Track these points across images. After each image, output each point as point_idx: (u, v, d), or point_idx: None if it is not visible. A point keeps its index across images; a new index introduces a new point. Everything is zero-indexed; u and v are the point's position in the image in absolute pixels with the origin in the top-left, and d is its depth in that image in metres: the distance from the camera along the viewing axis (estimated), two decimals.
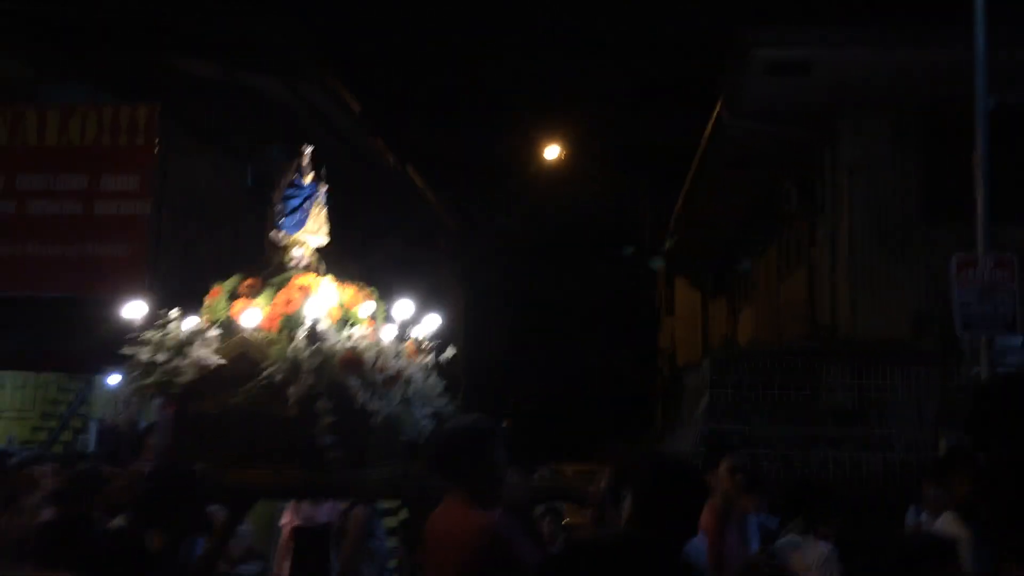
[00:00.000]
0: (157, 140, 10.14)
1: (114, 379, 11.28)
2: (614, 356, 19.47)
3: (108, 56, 10.90)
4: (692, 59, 12.03)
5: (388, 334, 4.38)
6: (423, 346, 4.51)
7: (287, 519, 6.35)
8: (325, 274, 4.59)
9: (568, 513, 6.20)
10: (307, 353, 4.04)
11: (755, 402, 9.27)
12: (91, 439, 11.14)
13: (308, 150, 4.78)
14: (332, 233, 4.82)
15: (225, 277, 4.63)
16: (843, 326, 9.93)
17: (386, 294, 4.66)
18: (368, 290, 4.57)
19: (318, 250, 4.73)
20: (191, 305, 4.50)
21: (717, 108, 10.48)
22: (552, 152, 15.85)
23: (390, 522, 7.47)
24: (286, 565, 6.12)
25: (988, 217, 6.75)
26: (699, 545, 4.13)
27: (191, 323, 4.31)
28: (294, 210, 4.62)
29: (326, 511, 6.97)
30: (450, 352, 4.50)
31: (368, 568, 6.45)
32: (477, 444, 3.30)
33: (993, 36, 7.03)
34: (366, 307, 4.42)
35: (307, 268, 4.60)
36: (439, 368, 4.54)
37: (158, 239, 10.33)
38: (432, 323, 4.58)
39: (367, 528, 6.43)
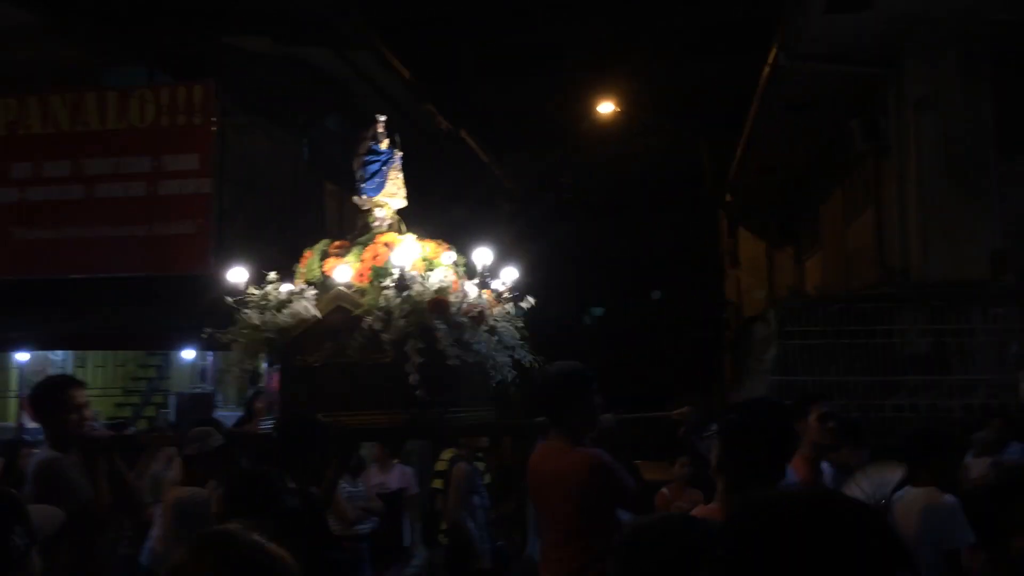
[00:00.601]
0: (214, 118, 10.28)
1: (189, 354, 11.58)
2: (679, 310, 19.26)
3: (162, 37, 11.06)
4: (747, 2, 11.65)
5: (470, 283, 4.64)
6: (503, 296, 4.74)
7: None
8: (406, 233, 4.86)
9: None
10: (397, 300, 4.27)
11: (826, 351, 9.07)
12: (171, 412, 11.48)
13: (382, 118, 5.02)
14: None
15: (287, 247, 4.85)
16: (915, 269, 9.62)
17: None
18: (447, 244, 4.82)
19: (398, 212, 5.00)
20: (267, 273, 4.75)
21: (773, 51, 10.15)
22: (607, 107, 15.60)
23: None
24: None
25: None
26: None
27: (287, 286, 4.60)
28: (373, 175, 4.89)
29: (397, 477, 7.08)
30: (529, 302, 4.72)
31: (471, 523, 6.57)
32: (578, 387, 3.60)
33: None
34: (448, 255, 4.69)
35: (390, 228, 4.87)
36: (519, 318, 4.76)
37: (221, 215, 10.52)
38: (510, 274, 4.83)
39: (469, 483, 6.53)
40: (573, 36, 13.16)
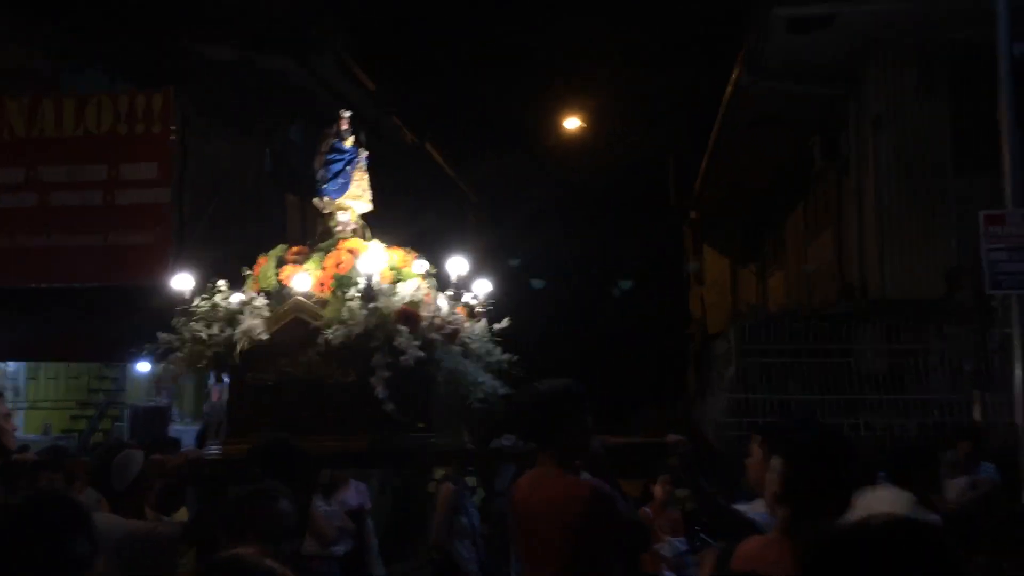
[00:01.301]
0: (174, 127, 10.14)
1: (144, 366, 11.39)
2: (644, 325, 19.31)
3: (124, 43, 10.91)
4: (710, 19, 11.75)
5: (441, 295, 4.28)
6: (476, 310, 4.40)
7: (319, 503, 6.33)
8: (371, 239, 4.46)
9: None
10: (362, 312, 3.91)
11: (784, 369, 9.10)
12: (125, 425, 11.28)
13: (347, 114, 4.67)
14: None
15: (248, 258, 4.52)
16: (873, 286, 9.70)
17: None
18: (415, 253, 4.44)
19: (363, 216, 4.61)
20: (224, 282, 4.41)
21: (736, 70, 10.23)
22: (573, 122, 15.65)
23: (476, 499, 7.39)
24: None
25: (1016, 169, 6.48)
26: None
27: (237, 296, 4.21)
28: (336, 174, 4.50)
29: (355, 495, 6.95)
30: (504, 323, 4.39)
31: (461, 544, 6.37)
32: (571, 408, 3.33)
33: None
34: (419, 264, 4.32)
35: (354, 233, 4.48)
36: (493, 334, 4.43)
37: (181, 225, 10.37)
38: (483, 287, 4.48)
39: (455, 503, 6.33)
40: (540, 50, 13.20)
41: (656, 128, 15.56)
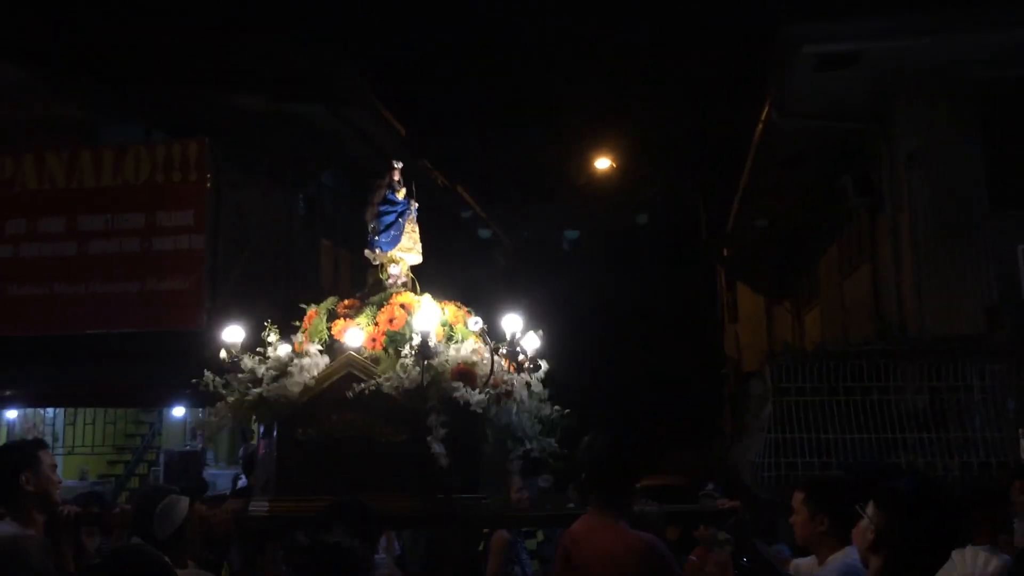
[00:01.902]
0: (208, 175, 10.33)
1: (179, 411, 11.49)
2: (679, 365, 19.13)
3: (158, 96, 11.18)
4: (741, 58, 11.79)
5: (493, 351, 4.19)
6: (524, 363, 4.33)
7: None
8: (421, 293, 4.42)
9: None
10: (415, 369, 3.87)
11: (821, 408, 8.92)
12: (161, 470, 11.34)
13: (398, 165, 4.64)
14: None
15: (282, 304, 4.51)
16: (911, 323, 9.53)
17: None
18: (466, 309, 4.40)
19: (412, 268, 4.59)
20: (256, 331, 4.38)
21: (766, 109, 10.22)
22: (604, 162, 15.70)
23: (529, 544, 7.28)
24: None
25: None
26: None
27: (284, 347, 4.18)
28: (388, 226, 4.48)
29: (396, 543, 6.85)
30: (545, 369, 4.34)
31: None
32: (626, 461, 3.46)
33: None
34: (473, 322, 4.25)
35: (404, 286, 4.45)
36: (541, 385, 4.37)
37: (214, 271, 10.51)
38: (533, 342, 4.37)
39: (509, 553, 6.22)
40: (570, 91, 13.29)
41: (688, 168, 15.56)
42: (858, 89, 9.43)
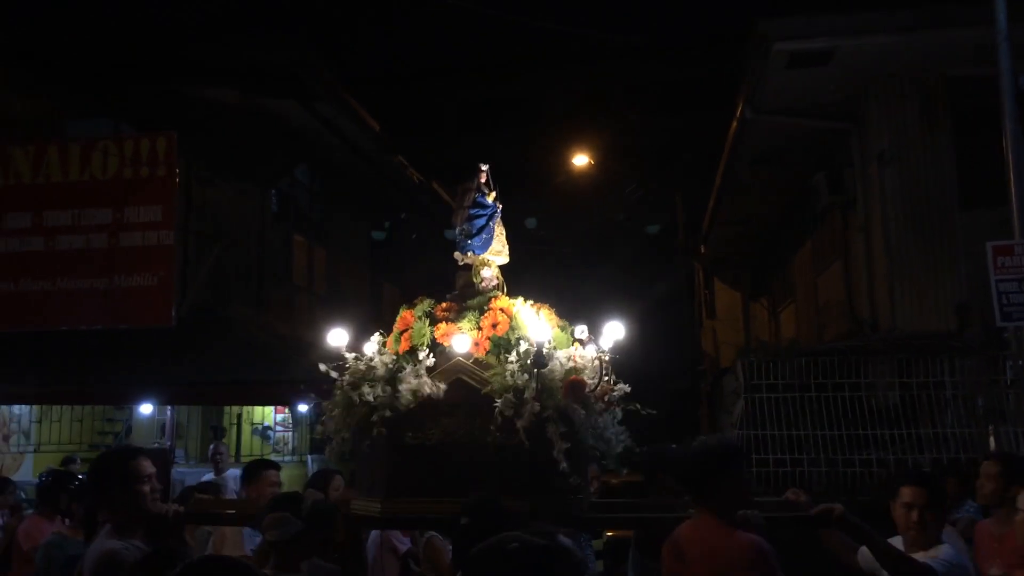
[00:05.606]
0: (177, 170, 10.19)
1: (147, 408, 11.34)
2: (656, 362, 19.13)
3: (128, 89, 11.03)
4: (713, 57, 11.78)
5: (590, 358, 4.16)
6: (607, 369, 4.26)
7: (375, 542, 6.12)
8: (516, 298, 4.38)
9: None
10: (525, 377, 3.88)
11: (794, 405, 8.93)
12: None
13: (485, 167, 4.58)
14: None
15: (252, 300, 4.37)
16: (883, 320, 9.55)
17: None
18: (555, 312, 4.37)
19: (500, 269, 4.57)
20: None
21: (739, 107, 10.22)
22: (581, 159, 15.65)
23: (596, 544, 7.20)
24: None
25: (1023, 200, 6.39)
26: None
27: (372, 346, 4.15)
28: (480, 229, 4.47)
29: (403, 537, 6.75)
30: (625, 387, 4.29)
31: None
32: (728, 463, 3.50)
33: (1017, 12, 6.70)
34: (580, 329, 4.22)
35: (495, 288, 4.42)
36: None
37: (184, 267, 10.38)
38: (613, 339, 4.31)
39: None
40: (548, 90, 13.24)
41: (664, 167, 15.55)
42: (831, 87, 9.45)
